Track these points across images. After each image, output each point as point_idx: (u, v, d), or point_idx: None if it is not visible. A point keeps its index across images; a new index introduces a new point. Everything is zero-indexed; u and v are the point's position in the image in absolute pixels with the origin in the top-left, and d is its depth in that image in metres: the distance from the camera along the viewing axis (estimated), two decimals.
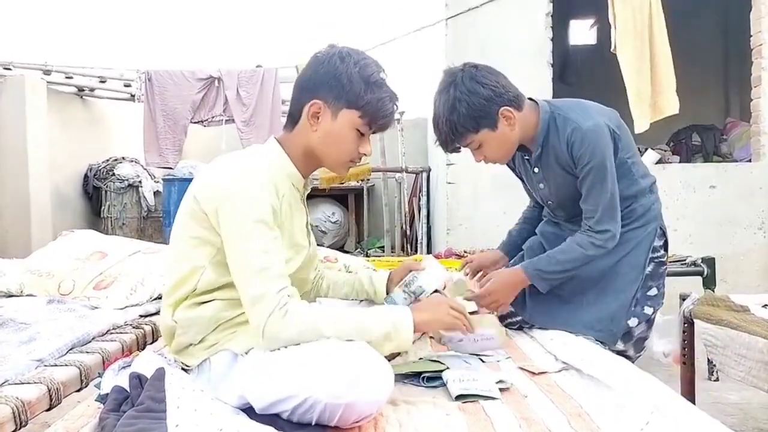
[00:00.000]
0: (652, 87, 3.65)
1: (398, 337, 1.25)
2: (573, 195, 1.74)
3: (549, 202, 1.85)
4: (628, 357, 1.78)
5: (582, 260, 1.69)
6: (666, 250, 1.83)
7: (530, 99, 1.76)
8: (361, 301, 1.61)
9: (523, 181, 1.96)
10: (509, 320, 1.86)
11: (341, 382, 1.09)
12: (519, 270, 1.74)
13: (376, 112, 1.32)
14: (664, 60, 3.67)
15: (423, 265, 1.55)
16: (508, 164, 1.91)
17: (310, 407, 1.10)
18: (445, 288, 1.61)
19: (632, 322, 1.76)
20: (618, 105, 2.08)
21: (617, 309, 1.73)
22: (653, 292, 1.79)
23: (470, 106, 1.62)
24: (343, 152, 1.35)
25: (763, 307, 1.86)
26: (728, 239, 3.87)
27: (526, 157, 1.81)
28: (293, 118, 1.37)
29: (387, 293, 1.57)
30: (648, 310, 1.78)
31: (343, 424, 1.11)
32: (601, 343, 1.70)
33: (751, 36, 3.96)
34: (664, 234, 1.81)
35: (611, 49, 3.70)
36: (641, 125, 3.64)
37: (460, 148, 1.74)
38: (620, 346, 1.76)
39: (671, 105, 3.67)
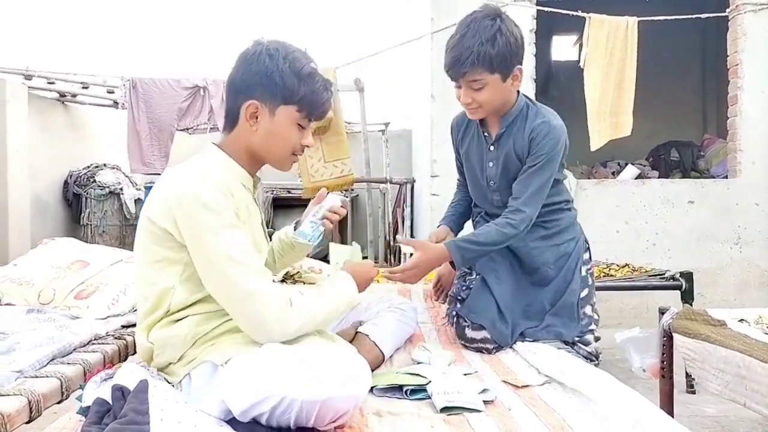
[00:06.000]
0: (613, 107, 3.76)
1: (354, 301, 1.47)
2: (513, 182, 1.82)
3: (491, 182, 1.88)
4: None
5: (496, 237, 1.74)
6: (590, 260, 1.97)
7: None
8: None
9: (460, 159, 2.00)
10: (484, 345, 1.79)
11: (317, 379, 1.09)
12: (443, 247, 1.76)
13: (312, 103, 1.33)
14: (629, 83, 3.78)
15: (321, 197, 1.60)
16: (454, 136, 1.98)
17: (287, 407, 1.09)
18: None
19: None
20: None
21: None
22: (594, 299, 1.92)
23: (507, 46, 1.66)
24: (286, 148, 1.37)
25: (739, 321, 1.90)
26: (706, 254, 3.95)
27: (485, 134, 1.86)
28: (231, 120, 1.36)
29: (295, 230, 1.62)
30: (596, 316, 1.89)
31: (320, 424, 1.11)
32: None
33: (728, 56, 4.07)
34: (588, 248, 1.96)
35: (579, 64, 3.80)
36: (596, 143, 3.74)
37: (461, 77, 1.71)
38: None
39: (626, 126, 3.78)
